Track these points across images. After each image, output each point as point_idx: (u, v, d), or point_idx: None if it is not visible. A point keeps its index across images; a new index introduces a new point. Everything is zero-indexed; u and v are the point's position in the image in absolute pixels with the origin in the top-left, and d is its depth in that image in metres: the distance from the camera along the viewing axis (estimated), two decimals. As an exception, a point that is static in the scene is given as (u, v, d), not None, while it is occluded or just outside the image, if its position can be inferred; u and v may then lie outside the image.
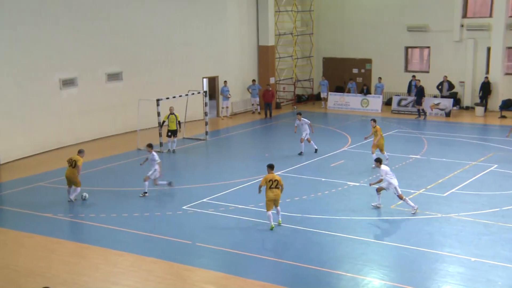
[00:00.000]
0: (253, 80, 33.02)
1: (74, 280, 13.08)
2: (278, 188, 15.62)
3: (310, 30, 36.54)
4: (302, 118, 23.46)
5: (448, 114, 31.06)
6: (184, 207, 17.46)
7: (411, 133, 27.46)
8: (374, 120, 22.06)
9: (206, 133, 26.71)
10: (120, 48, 27.60)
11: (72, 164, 18.05)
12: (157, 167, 18.72)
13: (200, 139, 26.54)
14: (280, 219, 15.91)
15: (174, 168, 22.79)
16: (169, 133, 24.15)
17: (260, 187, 15.77)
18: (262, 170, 20.93)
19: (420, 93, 30.84)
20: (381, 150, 21.70)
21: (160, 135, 24.39)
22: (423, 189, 18.80)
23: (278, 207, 15.89)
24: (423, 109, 30.92)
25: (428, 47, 33.85)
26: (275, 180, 15.56)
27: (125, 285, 12.85)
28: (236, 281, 12.81)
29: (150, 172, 18.74)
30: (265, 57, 33.87)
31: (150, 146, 19.05)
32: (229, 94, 31.57)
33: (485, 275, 12.88)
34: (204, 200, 18.07)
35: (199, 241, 15.08)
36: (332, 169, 21.44)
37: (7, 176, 21.48)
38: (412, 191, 18.59)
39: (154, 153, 18.86)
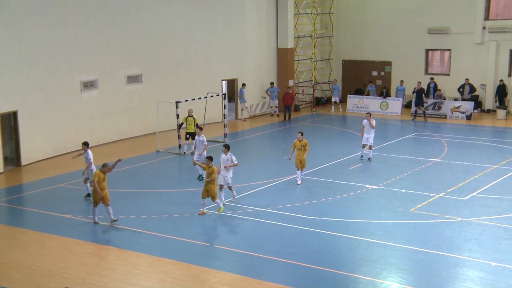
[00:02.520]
0: (271, 83, 33.01)
1: (93, 280, 13.17)
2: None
3: (330, 33, 36.45)
4: (202, 134, 20.57)
5: (469, 117, 30.76)
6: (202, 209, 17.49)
7: (431, 136, 27.23)
8: (302, 133, 19.94)
9: (225, 135, 26.76)
10: (140, 51, 27.80)
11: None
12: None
13: (219, 141, 26.58)
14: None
15: (193, 170, 22.84)
16: (188, 136, 24.22)
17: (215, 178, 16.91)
18: (281, 173, 21.00)
19: (420, 95, 30.94)
20: (298, 165, 19.60)
21: (179, 137, 24.49)
22: (443, 193, 18.63)
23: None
24: (416, 110, 31.00)
25: (449, 50, 33.56)
26: None
27: (143, 286, 12.90)
28: (254, 284, 12.79)
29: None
30: (284, 59, 33.85)
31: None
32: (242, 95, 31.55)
33: (506, 280, 12.71)
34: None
35: (217, 243, 15.12)
36: (351, 172, 21.33)
37: (28, 177, 21.71)
38: (432, 194, 18.44)
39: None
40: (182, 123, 24.27)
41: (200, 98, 26.30)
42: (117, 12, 26.70)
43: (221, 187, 17.66)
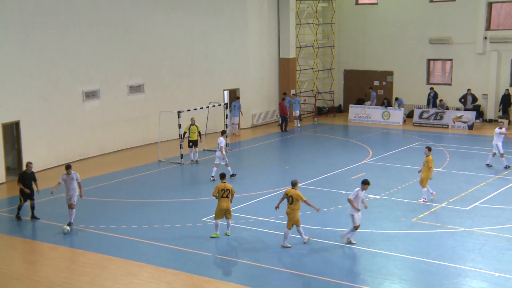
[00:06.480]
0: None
1: (95, 291, 13.17)
2: (228, 197, 15.88)
3: (331, 43, 36.53)
4: (72, 172, 17.33)
5: (471, 127, 30.75)
6: (204, 219, 17.48)
7: (433, 146, 27.12)
8: (429, 149, 18.88)
9: (227, 145, 26.76)
10: (142, 61, 27.88)
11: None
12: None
13: (221, 151, 26.57)
14: (228, 231, 16.20)
15: (194, 180, 22.85)
16: (190, 144, 24.28)
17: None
18: (283, 182, 20.99)
19: None
20: (422, 183, 18.68)
21: (181, 146, 24.51)
22: (445, 203, 18.60)
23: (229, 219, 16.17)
24: None
25: (451, 60, 33.61)
26: (227, 189, 15.89)
27: (144, 297, 12.89)
28: (256, 294, 12.78)
29: None
30: (286, 69, 33.92)
31: None
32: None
33: (508, 291, 12.68)
34: (224, 212, 18.05)
35: (219, 253, 15.09)
36: (353, 181, 21.29)
37: (30, 187, 21.67)
38: (434, 204, 18.41)
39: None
40: (185, 132, 24.32)
41: (202, 108, 26.35)
42: (119, 23, 26.80)
43: (357, 228, 15.35)
